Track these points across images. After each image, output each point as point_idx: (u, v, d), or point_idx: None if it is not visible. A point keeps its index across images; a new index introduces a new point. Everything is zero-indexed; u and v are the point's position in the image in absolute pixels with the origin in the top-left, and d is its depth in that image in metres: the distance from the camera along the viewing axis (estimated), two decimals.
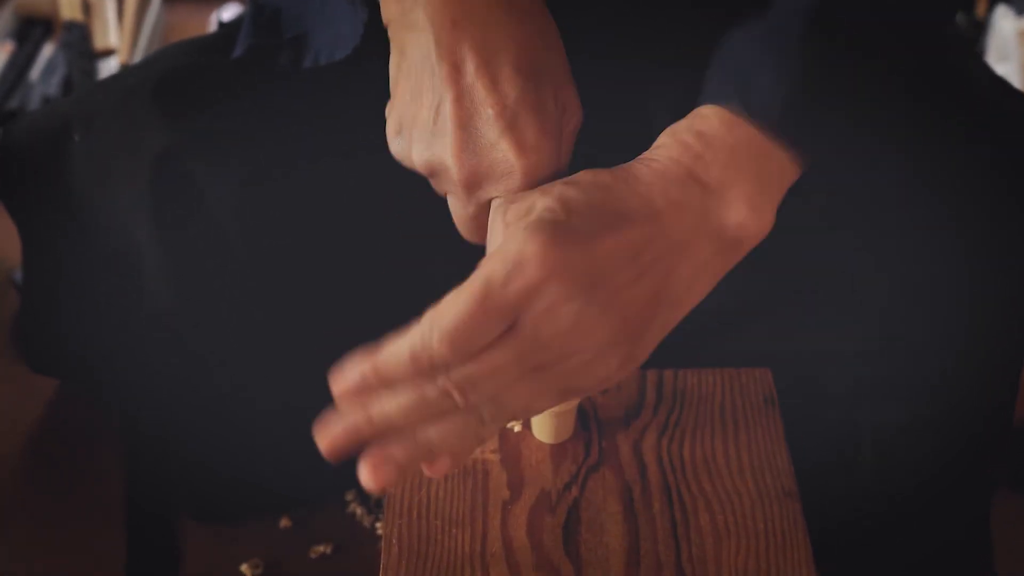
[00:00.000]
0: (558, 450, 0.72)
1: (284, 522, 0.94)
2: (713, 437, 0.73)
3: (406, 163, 0.64)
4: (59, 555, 0.92)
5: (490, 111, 0.58)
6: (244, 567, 0.91)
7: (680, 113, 0.60)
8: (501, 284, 0.54)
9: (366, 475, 0.57)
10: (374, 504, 0.95)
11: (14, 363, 1.00)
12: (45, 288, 0.90)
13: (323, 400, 0.90)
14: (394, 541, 0.67)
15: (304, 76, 0.79)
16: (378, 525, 0.94)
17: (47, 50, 1.50)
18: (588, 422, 0.73)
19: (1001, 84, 0.80)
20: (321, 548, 0.93)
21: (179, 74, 0.79)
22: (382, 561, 0.67)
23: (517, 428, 0.72)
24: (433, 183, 0.65)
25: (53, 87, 1.43)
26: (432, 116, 0.60)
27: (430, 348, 0.54)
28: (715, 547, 0.66)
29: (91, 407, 1.00)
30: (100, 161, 0.79)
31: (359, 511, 0.95)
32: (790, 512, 0.68)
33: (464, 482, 0.70)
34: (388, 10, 0.63)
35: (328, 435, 0.57)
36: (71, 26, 1.48)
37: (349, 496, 0.96)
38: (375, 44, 0.68)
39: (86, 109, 0.81)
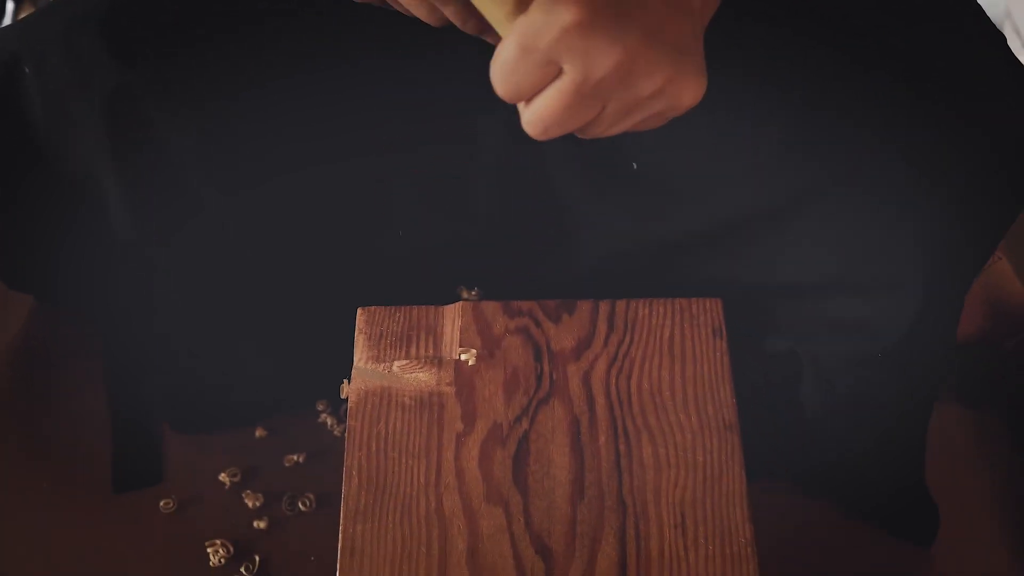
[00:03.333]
0: (511, 382, 0.75)
1: (259, 432, 0.98)
2: (660, 369, 0.76)
3: None
4: (46, 467, 0.95)
5: None
6: (223, 476, 0.95)
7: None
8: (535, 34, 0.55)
9: None
10: (343, 414, 0.99)
11: None
12: (10, 211, 0.91)
13: (290, 311, 0.93)
14: (354, 473, 0.71)
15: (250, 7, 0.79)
16: (346, 429, 0.98)
17: None
18: (540, 354, 0.77)
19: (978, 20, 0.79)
20: (295, 457, 0.97)
21: (125, 5, 0.79)
22: (343, 491, 0.71)
23: (471, 361, 0.76)
24: None
25: None
26: None
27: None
28: (655, 479, 0.70)
29: (69, 320, 1.02)
30: (53, 98, 0.80)
31: (330, 421, 0.99)
32: (728, 444, 0.72)
33: (420, 415, 0.74)
34: None
35: None
36: None
37: (320, 406, 0.99)
38: None
39: (33, 41, 0.80)
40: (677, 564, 0.67)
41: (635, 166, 0.82)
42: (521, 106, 0.58)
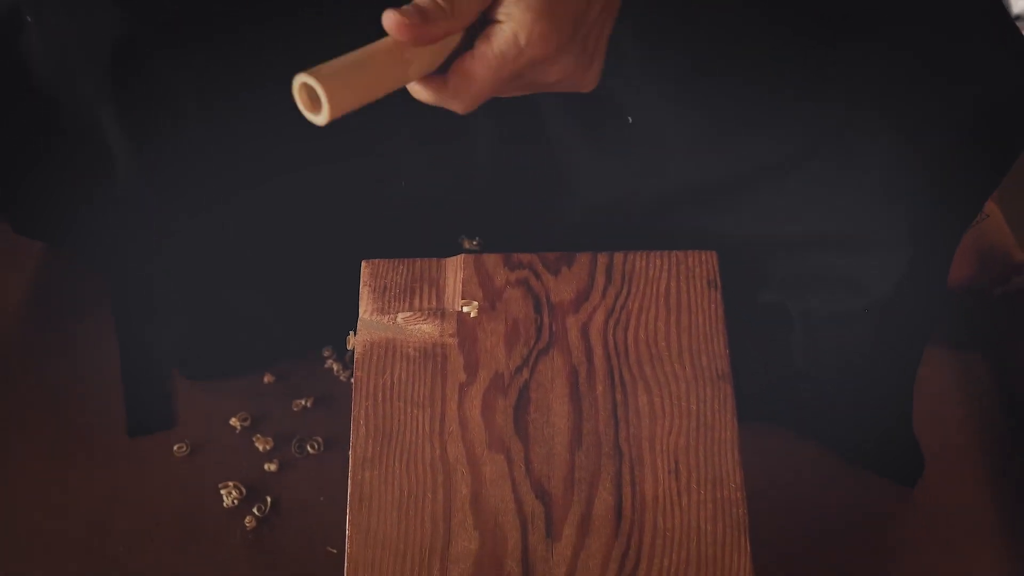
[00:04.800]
0: (512, 334, 0.78)
1: (268, 378, 1.01)
2: (657, 320, 0.78)
3: None
4: (61, 414, 0.98)
5: None
6: (233, 420, 0.98)
7: None
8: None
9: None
10: (349, 360, 1.02)
11: None
12: (17, 159, 0.92)
13: (296, 261, 0.96)
14: (361, 422, 0.74)
15: None
16: (353, 380, 1.01)
17: None
18: (540, 306, 0.79)
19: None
20: (302, 402, 1.00)
21: None
22: (351, 440, 0.74)
23: (473, 313, 0.78)
24: None
25: None
26: None
27: None
28: (650, 427, 0.73)
29: (78, 270, 1.04)
30: (56, 47, 0.80)
31: (336, 367, 1.02)
32: (721, 393, 0.74)
33: (424, 366, 0.76)
34: None
35: None
36: None
37: (326, 353, 1.02)
38: None
39: None
40: (670, 508, 0.70)
41: (631, 120, 0.83)
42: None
